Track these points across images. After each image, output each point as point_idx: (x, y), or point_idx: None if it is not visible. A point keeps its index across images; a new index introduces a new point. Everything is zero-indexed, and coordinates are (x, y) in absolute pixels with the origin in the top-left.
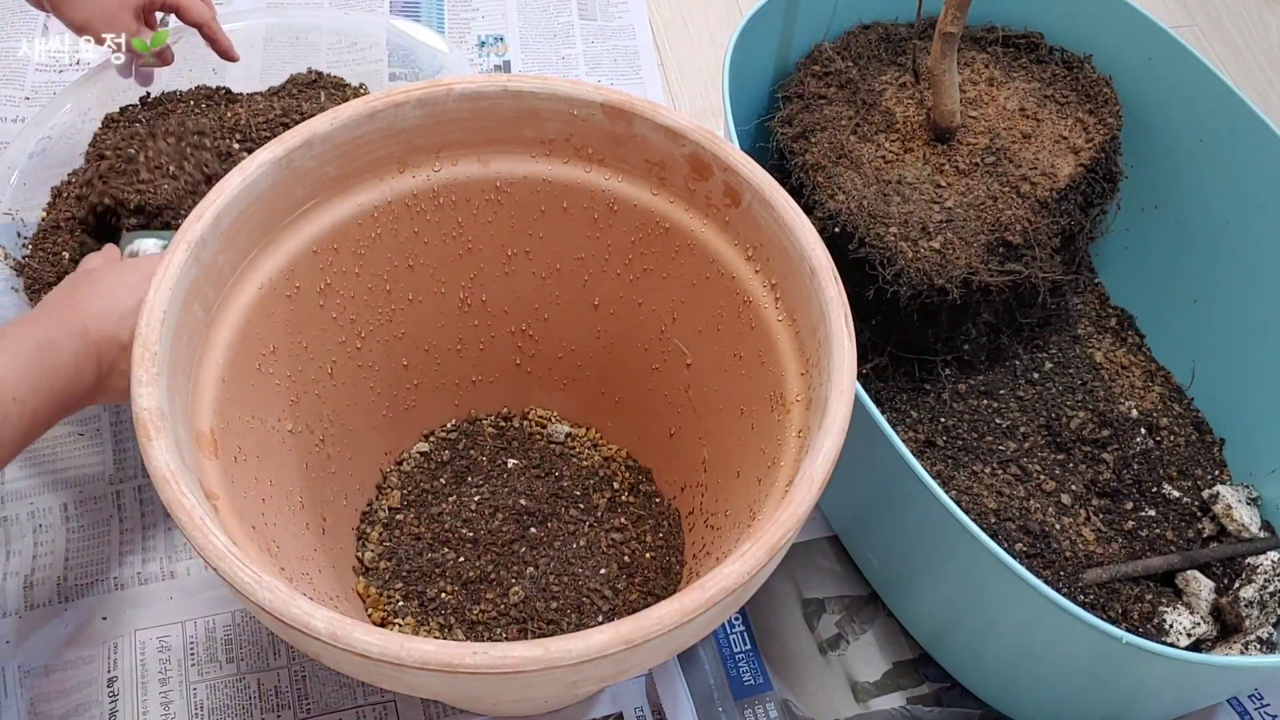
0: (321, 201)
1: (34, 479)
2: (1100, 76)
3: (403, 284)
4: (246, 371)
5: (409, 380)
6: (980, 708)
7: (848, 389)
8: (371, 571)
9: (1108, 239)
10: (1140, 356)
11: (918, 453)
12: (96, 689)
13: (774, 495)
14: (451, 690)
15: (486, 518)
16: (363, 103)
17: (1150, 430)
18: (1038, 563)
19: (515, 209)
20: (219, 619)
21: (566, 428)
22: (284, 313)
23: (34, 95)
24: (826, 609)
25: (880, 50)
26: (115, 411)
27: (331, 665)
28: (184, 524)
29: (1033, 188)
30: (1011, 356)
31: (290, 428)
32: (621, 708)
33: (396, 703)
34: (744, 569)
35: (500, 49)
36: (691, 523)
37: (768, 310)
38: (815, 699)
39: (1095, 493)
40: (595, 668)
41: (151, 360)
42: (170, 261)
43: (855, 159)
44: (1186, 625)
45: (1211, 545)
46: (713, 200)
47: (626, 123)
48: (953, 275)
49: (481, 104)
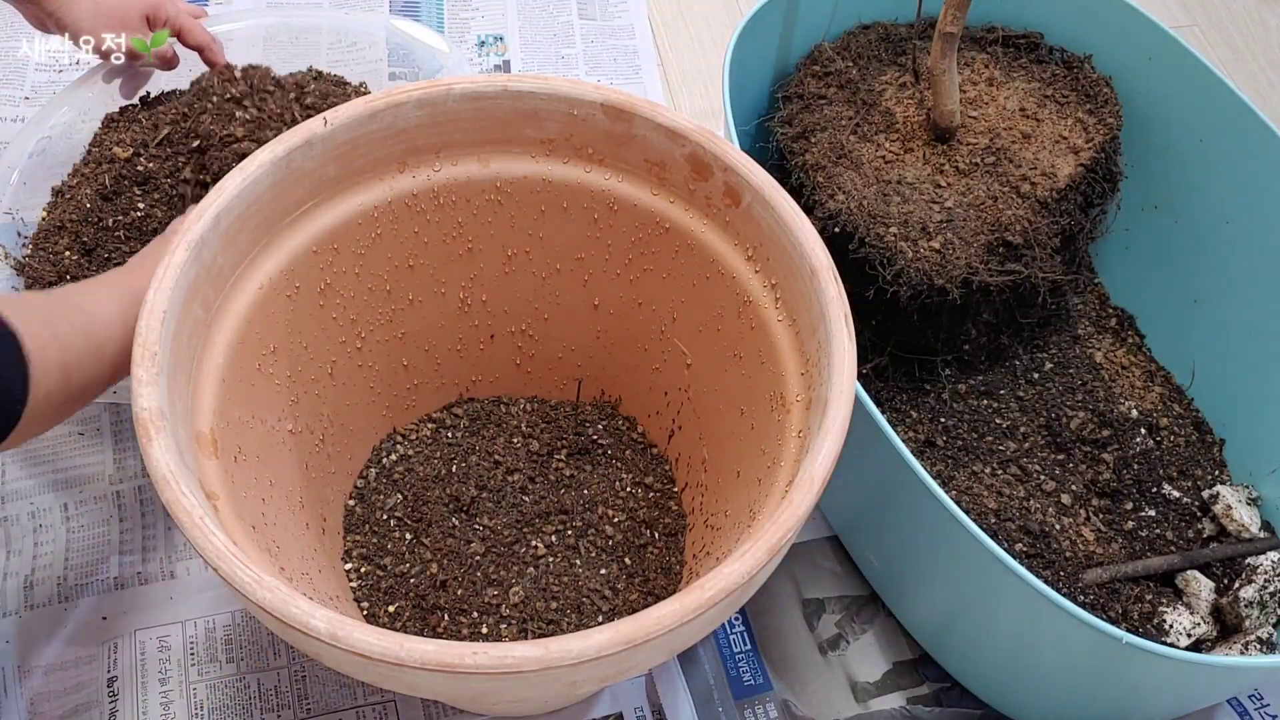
0: (321, 201)
1: (34, 479)
2: (1100, 76)
3: (403, 284)
4: (247, 371)
5: (409, 380)
6: (980, 708)
7: (848, 389)
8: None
9: (1108, 239)
10: (1140, 357)
11: (918, 453)
12: (96, 689)
13: (774, 495)
14: (451, 690)
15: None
16: (363, 103)
17: (1150, 430)
18: (1038, 563)
19: (515, 209)
20: (219, 619)
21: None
22: (284, 313)
23: (34, 95)
24: (826, 609)
25: (880, 50)
26: (115, 411)
27: (331, 665)
28: (184, 524)
29: (1033, 188)
30: (1011, 356)
31: (290, 428)
32: (621, 708)
33: (396, 703)
34: (744, 569)
35: (500, 48)
36: (691, 523)
37: (768, 310)
38: (815, 699)
39: (1095, 493)
40: (595, 668)
41: (151, 360)
42: (170, 262)
43: (855, 159)
44: (1186, 625)
45: (1211, 545)
46: (713, 200)
47: (627, 123)
48: (953, 275)
49: (482, 104)
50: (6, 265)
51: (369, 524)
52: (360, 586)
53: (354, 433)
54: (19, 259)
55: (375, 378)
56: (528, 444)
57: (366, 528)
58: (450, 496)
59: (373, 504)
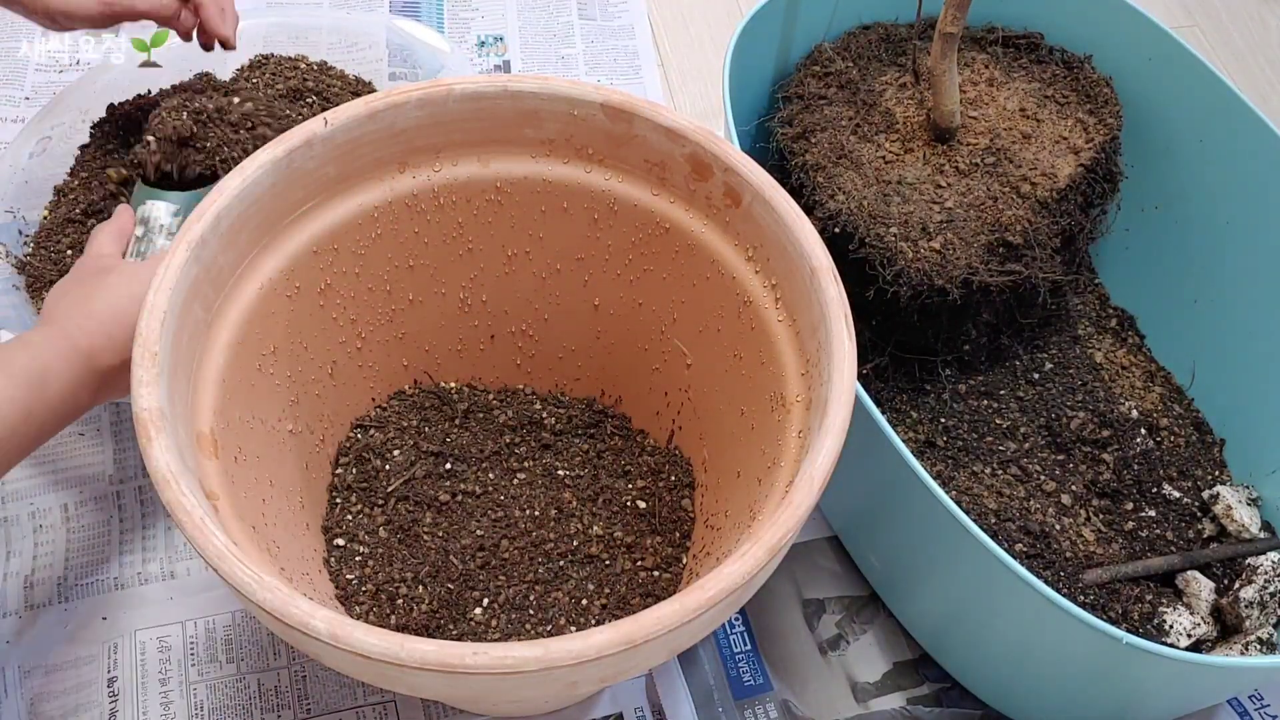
0: (322, 201)
1: (35, 479)
2: (1100, 76)
3: (403, 284)
4: (247, 371)
5: (409, 380)
6: (980, 708)
7: (848, 389)
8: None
9: (1108, 239)
10: (1140, 357)
11: (918, 453)
12: (96, 689)
13: (774, 495)
14: (451, 690)
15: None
16: (363, 103)
17: (1150, 431)
18: (1038, 563)
19: (515, 209)
20: (219, 619)
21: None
22: (284, 313)
23: (34, 95)
24: (826, 609)
25: (880, 50)
26: (115, 411)
27: (332, 665)
28: (184, 524)
29: (1033, 188)
30: (1011, 357)
31: (290, 428)
32: (621, 708)
33: (396, 702)
34: (744, 569)
35: (500, 49)
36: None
37: (768, 310)
38: (815, 699)
39: (1095, 493)
40: (595, 668)
41: (152, 360)
42: (170, 262)
43: (855, 159)
44: (1186, 626)
45: (1212, 546)
46: (713, 200)
47: (627, 123)
48: (953, 275)
49: (482, 104)
50: (8, 264)
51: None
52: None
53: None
54: (20, 257)
55: (375, 378)
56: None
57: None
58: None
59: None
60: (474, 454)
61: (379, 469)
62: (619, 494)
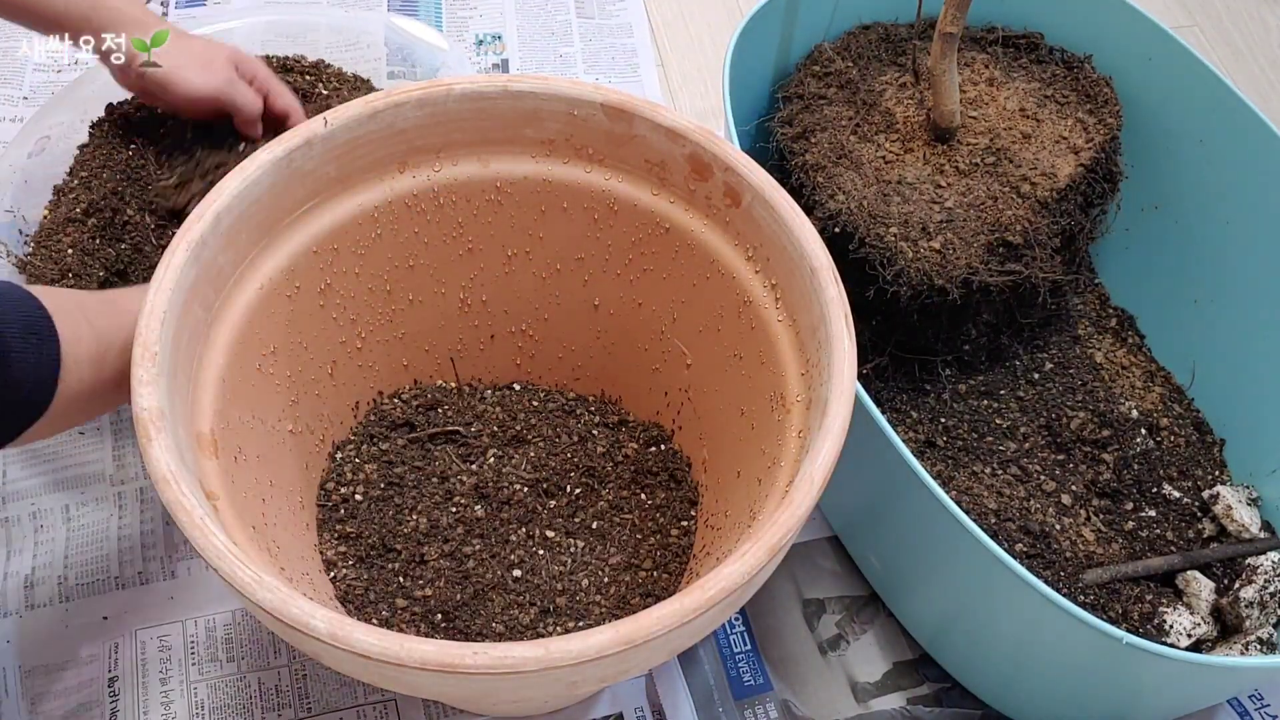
0: (321, 201)
1: (35, 479)
2: (1100, 76)
3: (403, 284)
4: (247, 371)
5: (409, 380)
6: (980, 708)
7: (848, 389)
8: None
9: (1108, 239)
10: (1140, 357)
11: (918, 453)
12: (97, 688)
13: (774, 495)
14: (451, 690)
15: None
16: (363, 103)
17: (1150, 430)
18: (1038, 563)
19: (515, 209)
20: (219, 618)
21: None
22: (284, 313)
23: (33, 95)
24: (826, 609)
25: (880, 50)
26: (116, 411)
27: (332, 665)
28: (184, 524)
29: (1033, 188)
30: (1011, 357)
31: (290, 428)
32: (621, 708)
33: (397, 702)
34: (744, 569)
35: (498, 47)
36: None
37: (768, 310)
38: (815, 699)
39: (1095, 493)
40: (595, 668)
41: (152, 360)
42: (170, 262)
43: (855, 159)
44: (1187, 626)
45: (1212, 546)
46: (713, 200)
47: (627, 123)
48: (953, 275)
49: (482, 104)
50: (8, 263)
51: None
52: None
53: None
54: (21, 256)
55: (375, 378)
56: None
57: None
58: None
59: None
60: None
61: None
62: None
